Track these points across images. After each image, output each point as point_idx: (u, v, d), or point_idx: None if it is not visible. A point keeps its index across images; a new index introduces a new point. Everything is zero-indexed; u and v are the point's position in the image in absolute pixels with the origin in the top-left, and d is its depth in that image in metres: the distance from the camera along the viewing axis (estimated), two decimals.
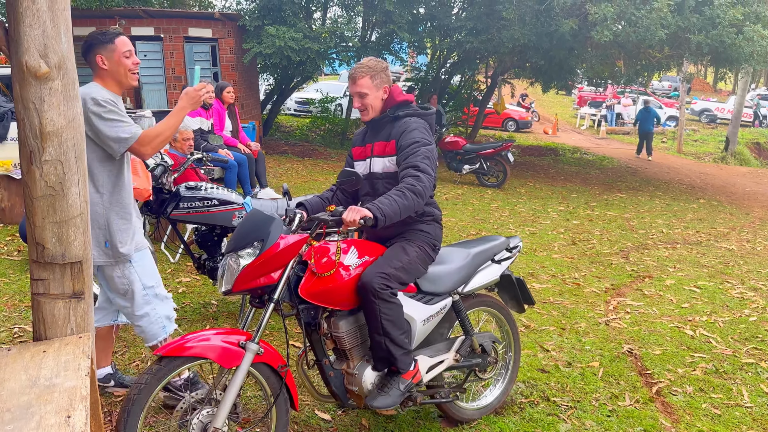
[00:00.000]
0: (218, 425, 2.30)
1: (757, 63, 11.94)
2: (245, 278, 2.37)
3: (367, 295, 2.55)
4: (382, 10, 11.66)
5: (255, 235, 2.40)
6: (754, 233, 8.51)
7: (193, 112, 6.42)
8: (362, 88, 2.77)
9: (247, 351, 2.32)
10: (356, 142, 3.01)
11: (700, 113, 30.77)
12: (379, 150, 2.82)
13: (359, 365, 2.68)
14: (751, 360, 4.16)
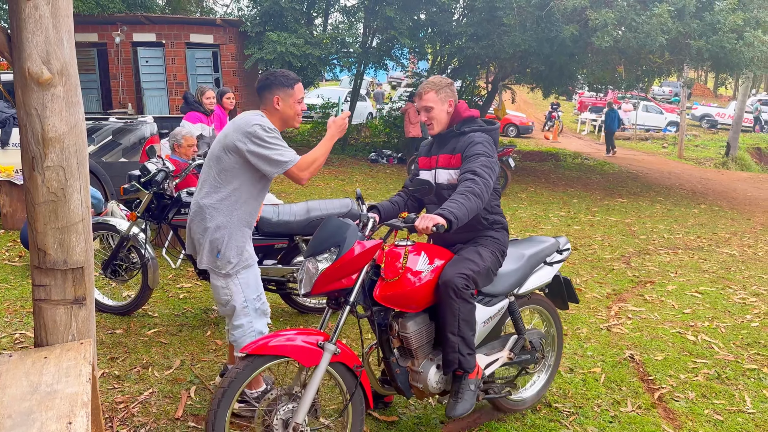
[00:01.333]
0: (299, 420, 2.43)
1: (758, 68, 11.95)
2: (323, 281, 2.51)
3: (448, 293, 2.68)
4: (383, 16, 11.69)
5: (332, 241, 2.55)
6: (756, 238, 8.49)
7: (195, 118, 6.43)
8: (428, 102, 2.93)
9: (326, 351, 2.45)
10: (423, 152, 3.17)
11: (700, 118, 30.80)
12: (444, 162, 2.96)
13: (424, 363, 2.81)
14: (754, 366, 4.15)
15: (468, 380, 2.77)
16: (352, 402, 2.59)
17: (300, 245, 4.18)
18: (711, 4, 10.09)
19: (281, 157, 2.81)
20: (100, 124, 6.72)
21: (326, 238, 2.57)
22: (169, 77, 11.82)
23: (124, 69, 12.08)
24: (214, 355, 3.82)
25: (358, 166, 12.97)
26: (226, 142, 2.84)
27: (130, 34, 11.72)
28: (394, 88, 33.13)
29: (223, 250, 2.88)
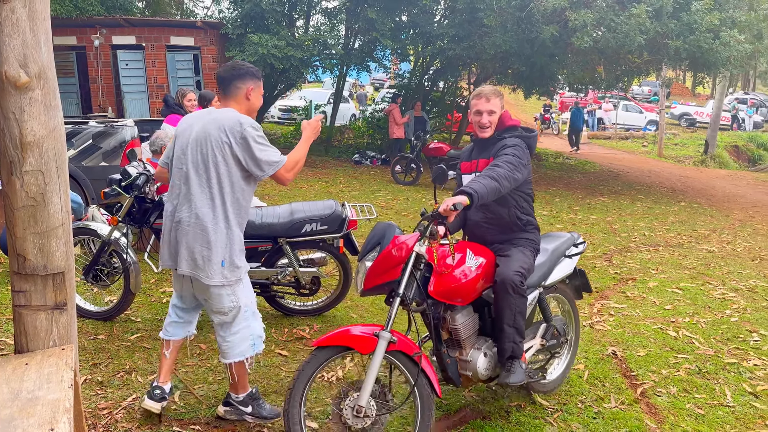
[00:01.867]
0: (362, 404, 2.60)
1: (734, 67, 12.18)
2: (371, 277, 2.79)
3: (506, 290, 2.93)
4: (365, 17, 11.70)
5: (375, 240, 2.87)
6: (734, 235, 8.63)
7: (176, 121, 6.38)
8: (494, 107, 3.13)
9: (381, 339, 2.63)
10: (464, 157, 3.37)
11: (679, 117, 31.22)
12: (484, 166, 3.13)
13: (472, 352, 3.03)
14: (734, 360, 4.22)
15: (519, 362, 3.04)
16: (417, 387, 2.71)
17: (284, 247, 4.17)
18: (688, 4, 10.24)
19: (273, 157, 2.79)
20: (80, 128, 6.64)
21: (371, 240, 2.89)
22: (149, 80, 11.71)
23: (104, 72, 11.96)
24: (198, 360, 3.80)
25: (342, 167, 12.97)
26: (211, 145, 2.73)
27: (110, 37, 11.59)
28: (377, 90, 33.17)
29: (230, 258, 2.81)
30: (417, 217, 8.37)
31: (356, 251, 4.39)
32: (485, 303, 3.13)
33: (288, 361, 3.83)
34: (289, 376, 3.63)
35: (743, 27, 11.04)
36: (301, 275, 4.26)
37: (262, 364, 3.76)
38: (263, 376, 3.62)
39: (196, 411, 3.22)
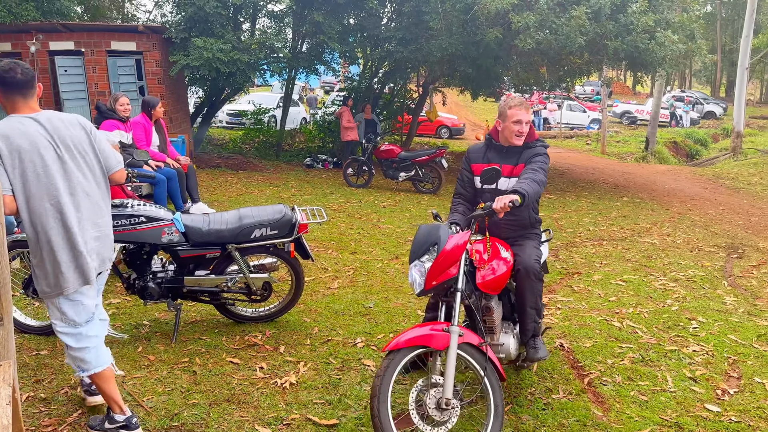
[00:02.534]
0: (448, 396, 2.75)
1: (670, 66, 12.69)
2: (432, 276, 2.97)
3: (530, 277, 3.29)
4: (311, 21, 11.66)
5: (430, 241, 3.06)
6: (674, 227, 9.00)
7: (111, 126, 6.21)
8: (529, 119, 3.46)
9: (452, 333, 2.81)
10: (476, 159, 3.58)
11: (621, 115, 32.33)
12: (506, 172, 3.45)
13: (502, 337, 3.38)
14: (674, 347, 4.40)
15: (539, 338, 3.44)
16: (487, 376, 2.88)
17: (233, 254, 4.12)
18: (624, 6, 10.62)
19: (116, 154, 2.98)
20: None
21: (424, 241, 3.08)
22: (90, 87, 11.34)
23: (42, 79, 11.51)
24: (146, 371, 3.71)
25: (294, 171, 12.88)
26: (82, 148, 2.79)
27: (47, 43, 11.18)
28: (328, 93, 33.08)
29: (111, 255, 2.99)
30: (370, 219, 8.40)
31: (308, 255, 4.38)
32: (506, 291, 3.49)
33: (240, 368, 3.79)
34: (241, 383, 3.59)
35: (676, 28, 11.53)
36: (252, 281, 4.22)
37: (212, 372, 3.71)
38: (214, 384, 3.57)
39: (145, 423, 3.15)
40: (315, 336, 4.32)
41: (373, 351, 4.10)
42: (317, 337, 4.31)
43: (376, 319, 4.69)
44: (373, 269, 6.05)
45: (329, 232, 7.52)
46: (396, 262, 6.34)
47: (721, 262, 7.03)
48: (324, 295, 5.19)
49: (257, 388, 3.54)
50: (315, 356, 3.99)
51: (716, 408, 3.53)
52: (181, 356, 3.93)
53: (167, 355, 3.93)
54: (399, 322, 4.66)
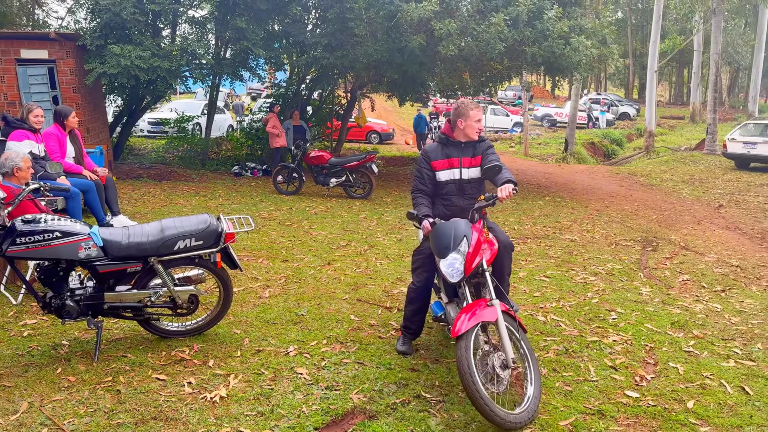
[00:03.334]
0: (512, 355, 3.33)
1: (584, 70, 13.30)
2: (470, 263, 3.52)
3: (508, 251, 3.95)
4: (234, 27, 11.46)
5: (460, 235, 3.57)
6: (593, 224, 9.43)
7: (21, 136, 5.88)
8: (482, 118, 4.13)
9: (497, 305, 3.39)
10: (436, 157, 4.07)
11: (542, 118, 33.63)
12: (467, 163, 4.04)
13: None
14: (596, 338, 4.62)
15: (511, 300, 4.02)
16: (522, 338, 3.50)
17: (156, 267, 3.98)
18: (540, 13, 11.06)
19: None
20: None
21: (451, 235, 3.58)
22: None
23: None
24: (66, 393, 3.53)
25: (221, 180, 12.61)
26: None
27: None
28: (254, 100, 32.62)
29: None
30: (301, 226, 8.34)
31: (236, 265, 4.30)
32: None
33: (167, 384, 3.67)
34: (168, 400, 3.48)
35: (590, 33, 12.11)
36: (177, 294, 4.09)
37: (138, 390, 3.58)
38: (140, 403, 3.44)
39: None
40: (245, 347, 4.24)
41: (306, 359, 4.07)
42: (248, 348, 4.23)
43: (308, 327, 4.66)
44: (305, 276, 6.01)
45: (259, 240, 7.41)
46: (328, 268, 6.32)
47: (637, 255, 7.43)
48: (254, 305, 5.11)
49: (186, 404, 3.44)
50: (246, 368, 3.92)
51: (635, 394, 3.72)
52: (103, 375, 3.76)
53: (89, 375, 3.76)
54: (332, 327, 4.65)
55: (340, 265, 6.49)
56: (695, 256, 7.40)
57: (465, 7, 11.00)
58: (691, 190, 13.81)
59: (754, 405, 3.61)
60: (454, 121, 4.05)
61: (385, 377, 3.80)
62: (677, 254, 7.51)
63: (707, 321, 5.07)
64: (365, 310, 5.11)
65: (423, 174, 4.07)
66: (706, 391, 3.77)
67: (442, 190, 4.08)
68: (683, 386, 3.84)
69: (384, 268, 6.47)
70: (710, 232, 8.97)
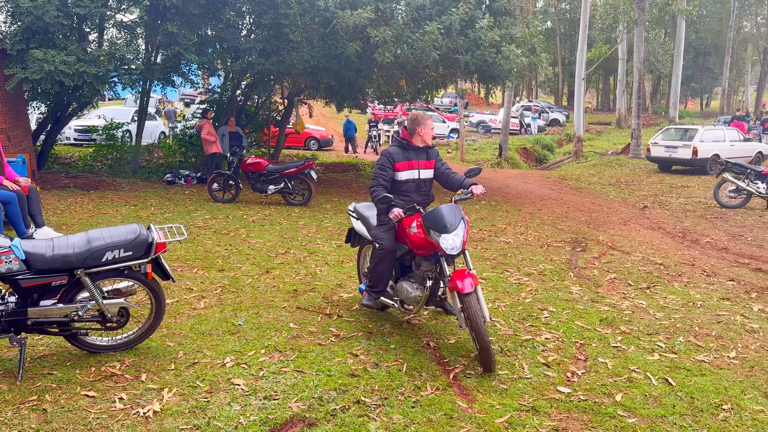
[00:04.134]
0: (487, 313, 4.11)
1: (516, 78, 13.74)
2: (465, 240, 4.32)
3: None
4: (165, 32, 11.17)
5: (459, 217, 4.34)
6: (526, 226, 9.72)
7: None
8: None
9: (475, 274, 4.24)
10: (398, 159, 4.69)
11: (477, 125, 34.40)
12: (424, 165, 4.78)
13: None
14: (529, 336, 4.76)
15: None
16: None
17: (83, 280, 3.83)
18: (473, 22, 11.34)
19: None
20: None
21: (454, 216, 4.29)
22: None
23: None
24: None
25: (153, 189, 12.23)
26: None
27: None
28: (188, 106, 31.83)
29: None
30: (238, 234, 8.20)
31: (168, 276, 4.18)
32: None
33: (97, 401, 3.53)
34: (99, 417, 3.35)
35: (520, 42, 12.51)
36: (106, 308, 3.94)
37: (65, 408, 3.42)
38: (68, 421, 3.29)
39: None
40: (180, 360, 4.13)
41: (243, 369, 4.00)
42: (182, 360, 4.12)
43: (246, 337, 4.58)
44: (242, 285, 5.91)
45: (194, 250, 7.24)
46: (267, 277, 6.24)
47: (568, 255, 7.72)
48: (189, 317, 4.98)
49: (117, 420, 3.32)
50: (180, 381, 3.82)
51: (567, 389, 3.87)
52: (28, 394, 3.58)
53: (12, 395, 3.57)
54: (271, 336, 4.59)
55: (279, 273, 6.43)
56: (622, 256, 7.76)
57: (400, 15, 11.14)
58: (617, 193, 14.46)
59: (676, 395, 3.82)
60: (413, 129, 4.71)
61: (324, 384, 3.79)
62: (605, 254, 7.85)
63: (633, 317, 5.32)
64: (305, 317, 5.08)
65: (387, 173, 4.63)
66: (633, 384, 3.96)
67: (402, 187, 4.69)
68: (612, 380, 4.02)
69: (324, 274, 6.44)
70: (636, 232, 9.42)
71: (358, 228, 5.22)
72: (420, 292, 4.51)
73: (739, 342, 4.77)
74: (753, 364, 4.33)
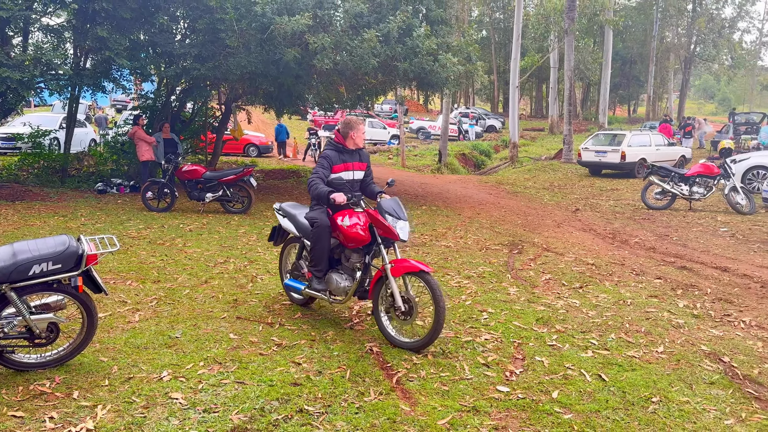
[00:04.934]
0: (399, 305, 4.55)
1: (453, 86, 14.00)
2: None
3: None
4: (95, 36, 10.78)
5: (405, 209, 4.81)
6: (466, 230, 9.92)
7: None
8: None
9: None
10: (335, 160, 5.02)
11: (417, 131, 34.81)
12: (357, 167, 5.14)
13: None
14: (470, 338, 4.86)
15: None
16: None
17: (8, 295, 3.64)
18: (410, 30, 11.50)
19: None
20: None
21: (402, 208, 4.79)
22: None
23: None
24: None
25: (83, 199, 11.74)
26: None
27: None
28: (120, 112, 30.77)
29: None
30: (175, 244, 7.99)
31: (100, 289, 4.03)
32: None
33: (26, 421, 3.36)
34: None
35: (456, 51, 12.77)
36: (34, 324, 3.76)
37: None
38: None
39: None
40: (114, 375, 3.98)
41: (181, 383, 3.90)
42: (117, 376, 3.98)
43: (183, 349, 4.47)
44: (179, 297, 5.76)
45: (128, 261, 7.00)
46: (205, 287, 6.11)
47: (505, 258, 7.92)
48: (123, 330, 4.81)
49: None
50: (115, 397, 3.68)
51: (506, 388, 3.96)
52: None
53: None
54: (210, 348, 4.49)
55: (218, 282, 6.30)
56: (556, 257, 8.02)
57: (338, 22, 11.17)
58: (551, 196, 14.95)
59: (609, 390, 3.98)
60: (346, 133, 5.07)
61: (266, 394, 3.75)
62: (540, 255, 8.10)
63: (568, 316, 5.51)
64: (245, 327, 4.99)
65: (325, 171, 4.95)
66: (569, 381, 4.10)
67: (338, 187, 4.94)
68: (548, 378, 4.15)
69: (265, 283, 6.36)
70: (569, 234, 9.77)
71: (285, 225, 5.52)
72: (349, 282, 4.87)
73: (666, 337, 5.02)
74: (679, 358, 4.56)
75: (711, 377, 4.23)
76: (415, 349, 4.51)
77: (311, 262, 5.06)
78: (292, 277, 5.50)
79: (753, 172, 14.39)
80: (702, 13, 39.32)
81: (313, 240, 4.95)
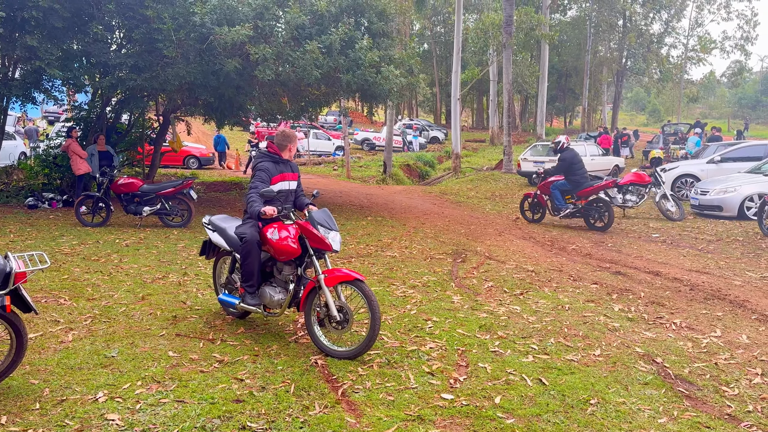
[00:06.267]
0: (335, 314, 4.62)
1: (395, 97, 14.15)
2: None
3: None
4: (24, 45, 10.33)
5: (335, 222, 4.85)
6: (411, 240, 9.99)
7: None
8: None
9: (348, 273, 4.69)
10: (273, 171, 5.01)
11: (362, 142, 34.94)
12: (291, 177, 5.17)
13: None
14: (415, 347, 4.88)
15: None
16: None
17: None
18: (352, 42, 11.55)
19: None
20: None
21: (332, 220, 4.85)
22: None
23: None
24: None
25: (12, 214, 11.18)
26: None
27: None
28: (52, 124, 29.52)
29: None
30: (110, 260, 7.71)
31: (29, 308, 3.84)
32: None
33: None
34: None
35: (398, 63, 12.92)
36: None
37: None
38: None
39: None
40: (46, 398, 3.79)
41: (118, 403, 3.75)
42: (48, 398, 3.79)
43: (120, 368, 4.30)
44: (115, 314, 5.55)
45: (60, 279, 6.70)
46: (143, 304, 5.91)
47: (449, 266, 8.02)
48: (55, 351, 4.60)
49: None
50: (47, 421, 3.51)
51: (450, 396, 4.00)
52: None
53: None
54: (148, 367, 4.35)
55: (156, 299, 6.11)
56: (498, 264, 8.19)
57: (280, 34, 11.11)
58: (492, 206, 15.28)
59: (549, 394, 4.08)
60: (284, 145, 5.10)
61: (207, 412, 3.65)
62: (483, 263, 8.25)
63: (509, 322, 5.63)
64: (185, 344, 4.86)
65: (264, 183, 4.93)
66: (511, 386, 4.18)
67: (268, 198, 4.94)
68: (491, 384, 4.22)
69: (206, 299, 6.22)
70: (510, 242, 9.99)
71: (215, 239, 5.44)
72: (283, 295, 4.88)
73: (603, 340, 5.20)
74: (615, 360, 4.73)
75: (645, 378, 4.40)
76: (350, 357, 4.53)
77: (242, 277, 5.00)
78: (226, 291, 5.46)
79: (681, 180, 15.18)
80: (632, 28, 41.19)
81: (243, 256, 4.90)
